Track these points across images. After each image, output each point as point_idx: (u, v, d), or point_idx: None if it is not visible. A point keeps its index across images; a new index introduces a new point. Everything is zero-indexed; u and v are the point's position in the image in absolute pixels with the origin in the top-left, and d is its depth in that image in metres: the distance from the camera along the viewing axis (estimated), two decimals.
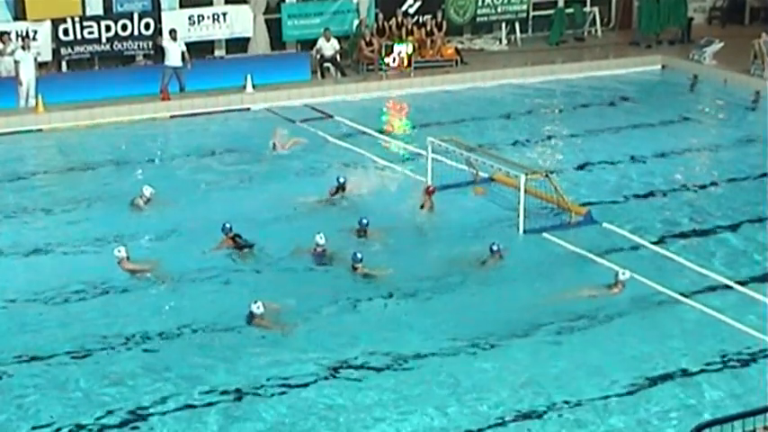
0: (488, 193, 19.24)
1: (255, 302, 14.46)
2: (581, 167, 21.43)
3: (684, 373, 13.39)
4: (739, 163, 21.53)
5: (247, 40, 28.37)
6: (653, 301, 15.36)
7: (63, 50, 26.38)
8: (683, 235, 17.89)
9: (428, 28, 29.10)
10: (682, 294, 15.51)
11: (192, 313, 14.99)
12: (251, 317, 14.49)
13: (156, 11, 27.14)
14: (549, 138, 23.70)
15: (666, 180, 20.59)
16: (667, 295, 15.50)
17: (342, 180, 19.14)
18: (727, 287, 15.84)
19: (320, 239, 16.54)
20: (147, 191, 18.87)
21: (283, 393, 13.00)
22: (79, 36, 26.36)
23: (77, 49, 26.49)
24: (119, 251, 16.29)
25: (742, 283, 15.93)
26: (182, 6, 27.71)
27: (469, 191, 19.62)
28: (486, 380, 13.28)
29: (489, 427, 12.36)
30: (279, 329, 14.39)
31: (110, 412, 12.59)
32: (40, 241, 17.56)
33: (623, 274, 15.46)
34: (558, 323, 14.58)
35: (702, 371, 13.45)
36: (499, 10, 31.06)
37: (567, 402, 12.74)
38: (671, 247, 17.29)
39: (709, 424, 9.71)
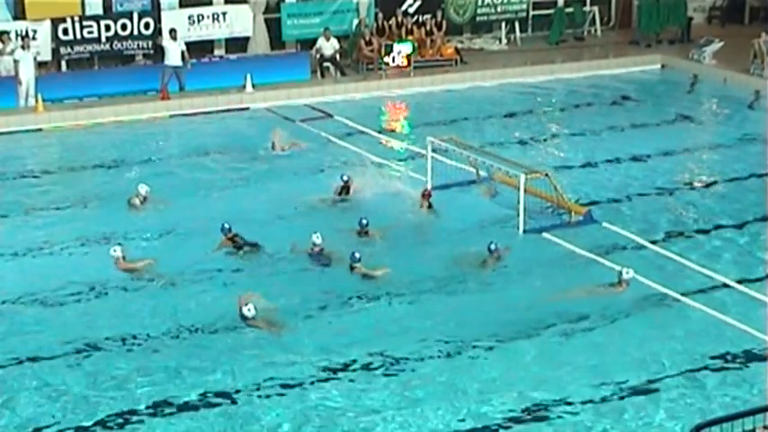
0: (495, 194, 19.13)
1: (247, 304, 14.41)
2: (581, 167, 21.40)
3: (687, 373, 13.35)
4: (740, 162, 21.49)
5: (247, 39, 28.38)
6: (655, 301, 15.32)
7: (63, 50, 26.37)
8: (684, 234, 17.85)
9: (428, 27, 29.12)
10: (683, 294, 15.47)
11: (190, 313, 14.92)
12: (244, 318, 14.45)
13: (155, 10, 27.14)
14: (549, 137, 23.66)
15: (667, 179, 20.55)
16: (669, 295, 15.46)
17: (345, 178, 19.13)
18: (729, 287, 15.79)
19: (317, 239, 16.50)
20: (143, 189, 18.86)
21: (282, 395, 12.95)
22: (79, 36, 26.34)
23: (77, 48, 26.47)
24: (114, 251, 16.27)
25: (743, 283, 15.90)
26: (181, 6, 27.70)
27: (470, 190, 19.60)
28: (489, 381, 13.22)
29: (492, 428, 12.31)
30: (275, 330, 14.33)
31: (107, 414, 12.53)
32: (38, 241, 17.51)
33: (627, 273, 15.43)
34: (560, 324, 14.53)
35: (706, 371, 13.42)
36: (499, 9, 31.06)
37: (570, 403, 12.70)
38: (672, 246, 17.25)
39: (709, 424, 9.69)
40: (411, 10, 29.88)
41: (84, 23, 26.36)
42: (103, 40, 26.59)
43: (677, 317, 14.91)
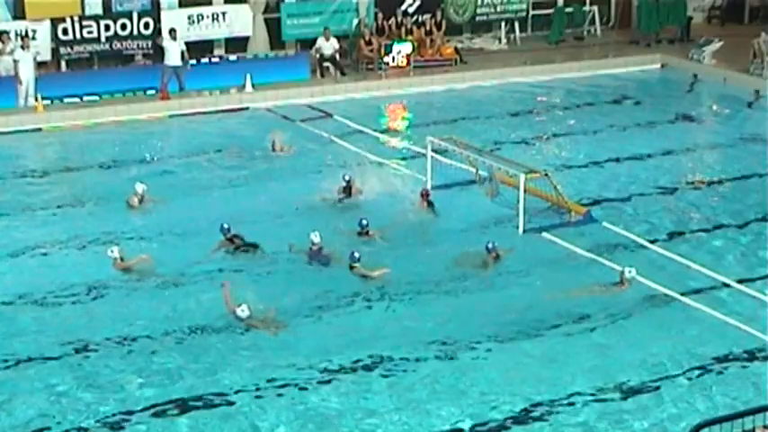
0: (498, 193, 19.07)
1: (240, 305, 14.36)
2: (582, 166, 21.38)
3: (688, 372, 13.34)
4: (740, 162, 21.48)
5: (247, 39, 28.36)
6: (656, 301, 15.29)
7: (62, 50, 26.35)
8: (685, 234, 17.84)
9: (427, 27, 29.09)
10: (684, 294, 15.45)
11: (189, 314, 14.89)
12: (239, 320, 14.40)
13: (155, 10, 27.13)
14: (549, 137, 23.62)
15: (668, 179, 20.53)
16: (670, 295, 15.43)
17: (348, 178, 19.10)
18: (731, 287, 15.77)
19: (315, 238, 16.46)
20: (140, 188, 18.84)
21: (281, 396, 12.93)
22: (78, 35, 26.32)
23: (77, 48, 26.45)
24: (112, 251, 16.24)
25: (744, 283, 15.87)
26: (181, 6, 27.68)
27: (470, 190, 19.57)
28: (489, 382, 13.19)
29: (493, 429, 12.29)
30: (273, 330, 14.30)
31: (106, 416, 12.50)
32: (36, 241, 17.46)
33: (629, 272, 15.42)
34: (561, 324, 14.51)
35: (707, 371, 13.40)
36: (498, 9, 31.03)
37: (571, 404, 12.68)
38: (673, 246, 17.22)
39: (709, 423, 9.67)
40: (411, 10, 29.85)
41: (84, 23, 26.34)
42: (103, 39, 26.57)
43: (678, 317, 14.89)
